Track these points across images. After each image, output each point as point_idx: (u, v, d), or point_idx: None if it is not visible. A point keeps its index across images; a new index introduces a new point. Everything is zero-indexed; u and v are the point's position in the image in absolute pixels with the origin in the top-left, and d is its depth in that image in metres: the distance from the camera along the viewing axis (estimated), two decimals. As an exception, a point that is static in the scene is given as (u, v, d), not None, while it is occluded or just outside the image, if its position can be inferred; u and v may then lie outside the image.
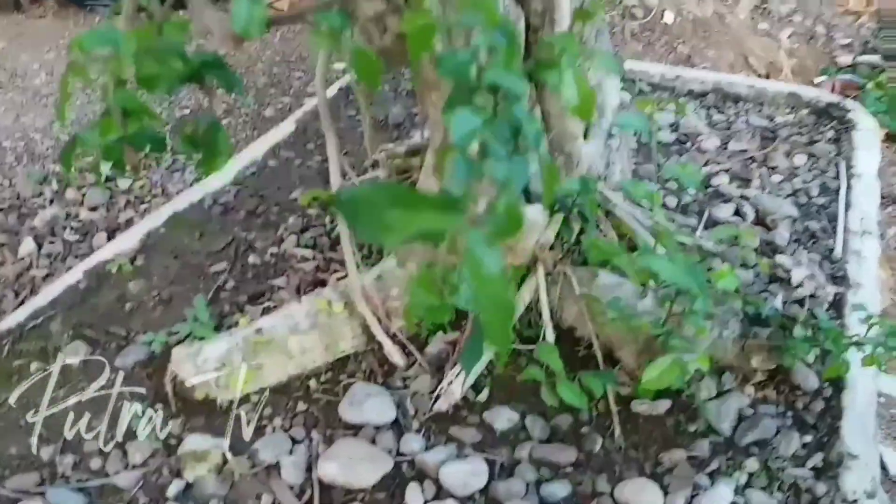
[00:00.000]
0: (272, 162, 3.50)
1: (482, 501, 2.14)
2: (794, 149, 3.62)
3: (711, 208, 3.15)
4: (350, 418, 2.35)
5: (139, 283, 2.84)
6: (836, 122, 3.80)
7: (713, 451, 2.25)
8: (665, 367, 2.06)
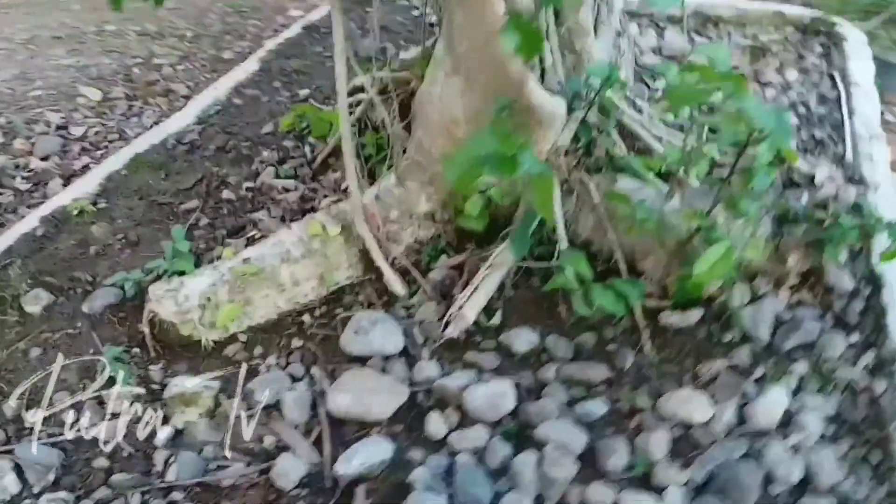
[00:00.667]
0: (237, 100, 3.22)
1: (513, 425, 1.93)
2: (785, 64, 3.48)
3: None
4: (355, 349, 2.11)
5: (102, 227, 2.55)
6: (823, 36, 3.67)
7: (755, 358, 2.08)
8: (718, 257, 1.86)
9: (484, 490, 1.76)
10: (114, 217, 2.60)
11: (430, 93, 2.34)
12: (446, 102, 2.30)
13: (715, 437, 1.88)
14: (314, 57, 3.56)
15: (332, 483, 1.81)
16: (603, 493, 1.75)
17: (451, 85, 2.28)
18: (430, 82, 2.35)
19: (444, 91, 2.30)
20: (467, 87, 2.23)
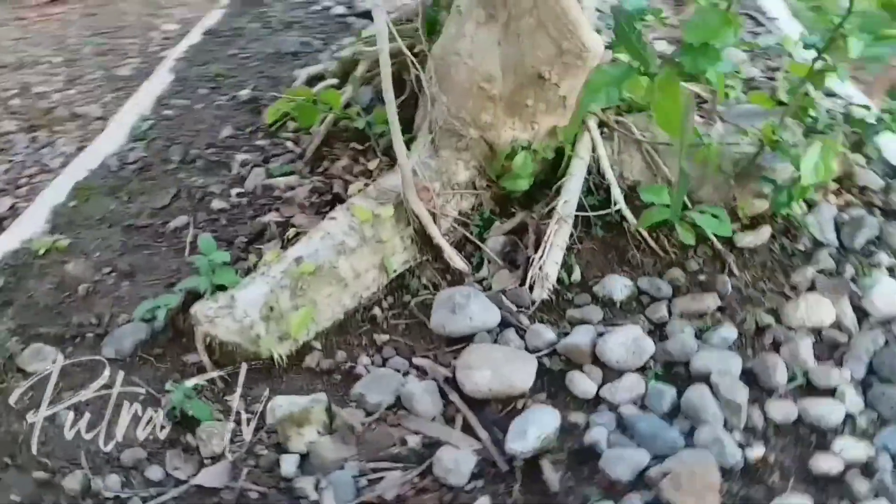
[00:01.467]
0: (168, 111, 2.84)
1: (658, 368, 1.81)
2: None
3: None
4: (456, 329, 1.90)
5: (79, 263, 2.13)
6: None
7: (836, 260, 2.10)
8: (818, 157, 1.86)
9: (672, 433, 1.63)
10: (87, 251, 2.18)
11: (457, 51, 2.17)
12: (478, 59, 2.15)
13: (850, 334, 1.87)
14: (231, 60, 3.24)
15: (507, 465, 1.59)
16: (784, 407, 1.69)
17: (484, 37, 2.12)
18: (453, 38, 2.18)
19: (475, 45, 2.14)
20: (506, 34, 2.09)
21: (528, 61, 2.10)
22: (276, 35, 3.51)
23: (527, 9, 2.02)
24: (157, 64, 3.37)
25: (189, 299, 1.91)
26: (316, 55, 3.26)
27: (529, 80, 2.14)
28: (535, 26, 2.04)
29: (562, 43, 2.06)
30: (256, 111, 2.82)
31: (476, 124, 2.23)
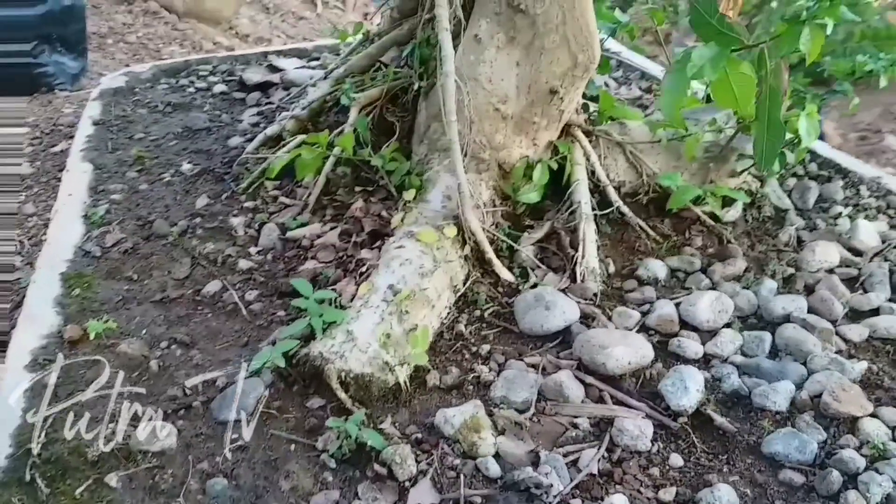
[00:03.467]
0: (113, 196, 2.63)
1: (741, 326, 2.05)
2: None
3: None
4: (553, 325, 2.01)
5: (131, 343, 1.91)
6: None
7: (803, 218, 2.52)
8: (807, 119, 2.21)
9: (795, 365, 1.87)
10: (129, 331, 1.98)
11: (476, 76, 2.29)
12: (496, 82, 2.30)
13: (859, 267, 2.26)
14: (141, 143, 3.06)
15: (675, 422, 1.72)
16: (856, 329, 2.02)
17: (504, 60, 2.28)
18: (472, 65, 2.29)
19: (494, 70, 2.29)
20: (527, 54, 2.25)
21: (543, 78, 2.28)
22: (171, 117, 3.37)
23: (555, 26, 2.20)
24: (57, 159, 3.09)
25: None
26: (234, 127, 3.19)
27: (541, 97, 2.32)
28: (559, 42, 2.23)
29: (578, 56, 2.26)
30: (218, 180, 2.70)
31: (491, 145, 2.37)
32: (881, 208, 2.58)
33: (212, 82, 3.79)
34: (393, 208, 2.39)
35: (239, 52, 4.46)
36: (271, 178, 2.50)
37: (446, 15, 2.01)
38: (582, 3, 2.22)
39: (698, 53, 1.77)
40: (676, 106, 2.07)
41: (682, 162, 2.54)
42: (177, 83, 3.83)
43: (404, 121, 2.62)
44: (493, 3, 2.26)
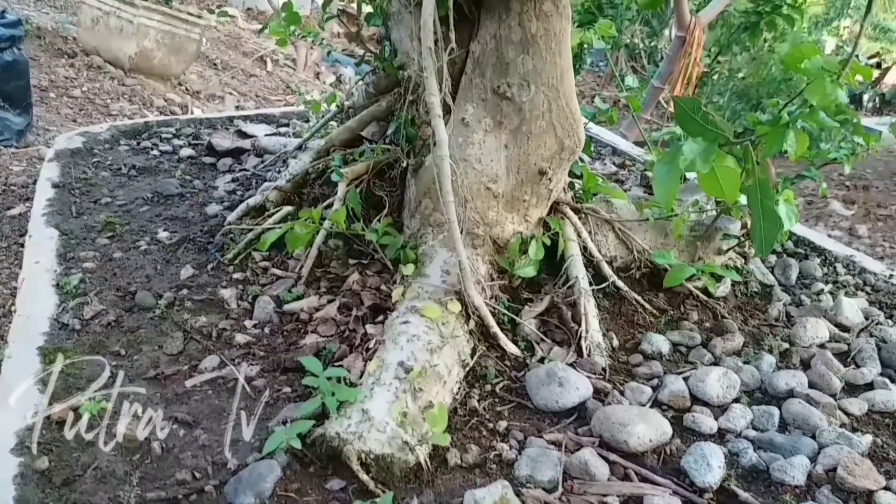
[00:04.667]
0: (86, 264, 2.50)
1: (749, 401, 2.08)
2: None
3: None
4: (569, 401, 1.97)
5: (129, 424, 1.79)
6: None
7: (788, 293, 2.60)
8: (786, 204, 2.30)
9: (806, 440, 1.88)
10: (124, 410, 1.85)
11: (465, 157, 2.32)
12: (485, 163, 2.32)
13: (848, 343, 2.34)
14: (109, 208, 2.93)
15: (701, 497, 1.71)
16: (856, 402, 2.05)
17: (492, 143, 2.31)
18: (460, 147, 2.32)
19: (483, 151, 2.32)
20: (515, 138, 2.30)
21: (532, 160, 2.33)
22: (137, 181, 3.25)
23: (541, 112, 2.27)
24: (16, 223, 2.92)
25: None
26: (209, 194, 3.10)
27: (530, 177, 2.36)
28: (545, 127, 2.29)
29: (565, 140, 2.34)
30: (200, 249, 2.60)
31: (485, 221, 2.37)
32: (858, 285, 2.69)
33: (177, 146, 3.70)
34: (390, 282, 2.35)
35: (203, 115, 4.37)
36: (262, 250, 2.43)
37: (437, 103, 2.02)
38: (566, 91, 2.30)
39: (688, 148, 1.83)
40: (671, 196, 2.12)
41: (669, 239, 2.61)
42: (138, 145, 3.73)
43: (393, 195, 2.60)
44: (479, 90, 2.32)
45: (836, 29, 10.27)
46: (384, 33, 2.61)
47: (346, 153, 2.77)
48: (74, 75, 5.95)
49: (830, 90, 1.64)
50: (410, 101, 2.55)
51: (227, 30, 9.44)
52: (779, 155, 2.29)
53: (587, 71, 11.06)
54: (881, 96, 10.19)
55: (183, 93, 6.55)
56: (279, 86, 8.46)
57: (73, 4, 8.30)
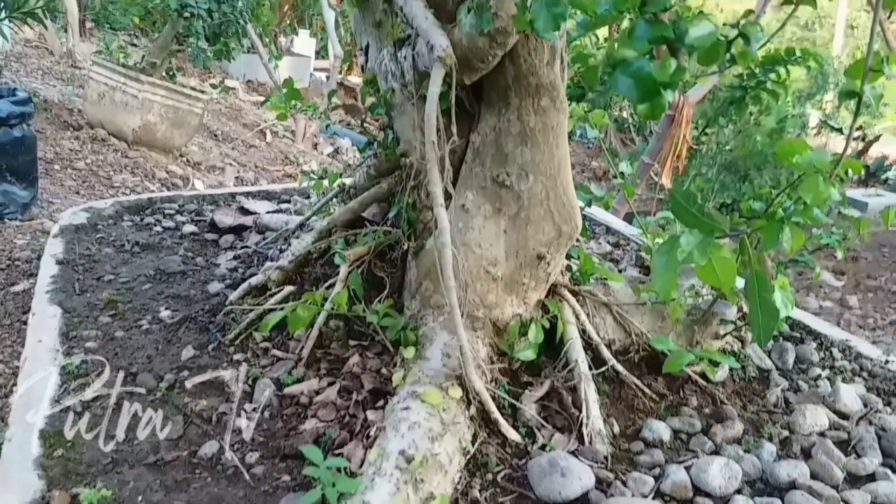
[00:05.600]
0: (88, 343, 2.51)
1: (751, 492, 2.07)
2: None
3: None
4: (572, 492, 1.96)
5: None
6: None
7: (786, 378, 2.62)
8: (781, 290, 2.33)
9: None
10: (122, 498, 1.85)
11: (465, 242, 2.36)
12: (485, 247, 2.37)
13: (848, 430, 2.34)
14: (111, 286, 2.96)
15: None
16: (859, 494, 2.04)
17: (491, 228, 2.36)
18: (461, 231, 2.37)
19: (482, 236, 2.36)
20: (514, 224, 2.35)
21: (531, 245, 2.38)
22: (140, 257, 3.29)
23: (539, 200, 2.33)
24: (20, 300, 2.94)
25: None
26: (211, 271, 3.14)
27: (529, 261, 2.41)
28: (543, 214, 2.35)
29: (563, 227, 2.39)
30: (201, 329, 2.62)
31: (484, 304, 2.40)
32: (855, 371, 2.71)
33: (180, 222, 3.75)
34: (390, 364, 2.37)
35: (206, 191, 4.44)
36: (264, 332, 2.45)
37: (440, 192, 2.08)
38: (563, 181, 2.37)
39: (685, 240, 1.87)
40: (670, 287, 2.15)
41: (666, 323, 2.63)
42: (142, 221, 3.78)
43: (394, 276, 2.64)
44: (478, 178, 2.38)
45: (819, 102, 10.58)
46: (387, 122, 2.69)
47: (349, 234, 2.82)
48: (79, 148, 6.05)
49: (823, 189, 1.69)
50: (412, 187, 2.61)
51: (229, 102, 9.64)
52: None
53: (577, 142, 11.31)
54: (866, 168, 10.38)
55: (184, 164, 6.66)
56: (278, 156, 8.60)
57: (79, 77, 8.52)
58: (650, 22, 1.25)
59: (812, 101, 10.14)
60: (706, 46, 1.28)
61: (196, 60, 6.33)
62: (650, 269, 3.22)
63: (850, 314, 6.72)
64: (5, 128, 4.33)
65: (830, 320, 6.43)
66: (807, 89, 9.97)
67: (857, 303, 6.60)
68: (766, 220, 1.86)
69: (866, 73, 1.54)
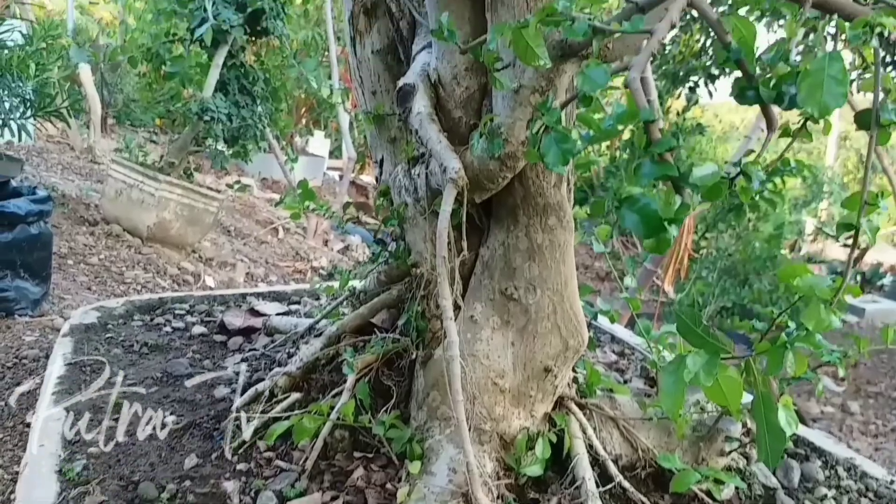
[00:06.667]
0: (91, 448, 2.51)
1: None
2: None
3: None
4: None
5: None
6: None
7: (792, 497, 2.58)
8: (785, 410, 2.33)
9: None
10: None
11: (474, 353, 2.39)
12: (493, 359, 2.39)
13: None
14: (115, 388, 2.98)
15: None
16: None
17: (499, 340, 2.40)
18: (469, 342, 2.40)
19: (490, 347, 2.39)
20: (521, 336, 2.39)
21: (538, 358, 2.40)
22: (148, 359, 3.31)
23: (546, 314, 2.37)
24: (24, 400, 2.95)
25: None
26: (216, 375, 3.15)
27: (536, 374, 2.42)
28: (551, 328, 2.38)
29: (569, 341, 2.42)
30: (205, 436, 2.61)
31: (491, 417, 2.40)
32: (861, 491, 2.67)
33: (189, 322, 3.79)
34: (395, 478, 2.35)
35: (216, 291, 4.50)
36: (268, 442, 2.44)
37: (450, 306, 2.12)
38: (570, 296, 2.42)
39: (692, 361, 1.89)
40: (677, 406, 2.16)
41: (672, 438, 2.62)
42: (152, 321, 3.81)
43: (401, 385, 2.65)
44: (487, 290, 2.43)
45: (815, 210, 10.81)
46: (399, 233, 2.75)
47: (358, 340, 2.84)
48: (93, 243, 6.16)
49: (825, 317, 1.72)
50: (422, 296, 2.65)
51: (243, 198, 9.84)
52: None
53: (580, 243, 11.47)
54: (861, 275, 10.46)
55: (196, 260, 6.75)
56: (289, 252, 8.72)
57: (97, 173, 8.75)
58: (655, 161, 1.31)
59: (808, 209, 10.36)
60: (709, 186, 1.34)
61: (214, 161, 6.52)
62: (655, 381, 3.25)
63: (852, 420, 6.66)
64: (22, 225, 4.43)
65: (832, 426, 6.37)
66: (802, 197, 10.20)
67: (859, 409, 6.55)
68: (770, 345, 1.88)
69: (862, 206, 1.59)
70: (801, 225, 10.14)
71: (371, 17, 2.68)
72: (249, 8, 5.95)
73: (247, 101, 6.42)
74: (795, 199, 10.21)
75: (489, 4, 2.11)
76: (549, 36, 1.75)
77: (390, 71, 2.72)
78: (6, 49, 6.06)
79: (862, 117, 1.54)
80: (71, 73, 8.26)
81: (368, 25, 2.70)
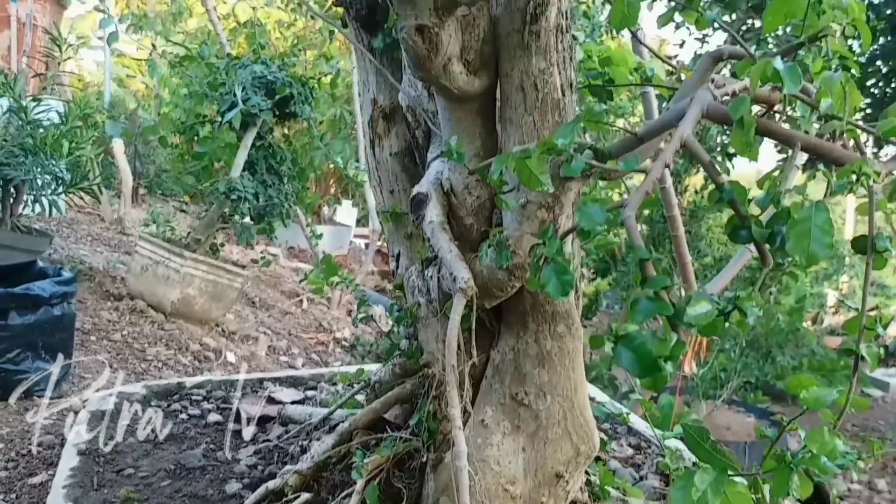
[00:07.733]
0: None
1: None
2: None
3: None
4: None
5: None
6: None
7: None
8: None
9: None
10: None
11: (484, 458, 2.38)
12: (503, 464, 2.38)
13: None
14: (129, 481, 2.98)
15: None
16: None
17: (509, 445, 2.39)
18: (479, 447, 2.40)
19: (501, 453, 2.39)
20: (532, 442, 2.38)
21: (549, 463, 2.39)
22: (163, 449, 3.33)
23: (557, 420, 2.37)
24: (35, 493, 2.97)
25: None
26: (230, 468, 3.15)
27: (548, 480, 2.41)
28: (561, 434, 2.38)
29: (580, 446, 2.41)
30: (216, 532, 2.62)
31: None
32: None
33: (206, 409, 3.81)
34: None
35: (234, 376, 4.54)
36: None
37: (458, 415, 2.13)
38: (580, 402, 2.43)
39: (699, 479, 1.88)
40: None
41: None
42: (168, 407, 3.84)
43: (412, 488, 2.63)
44: (497, 395, 2.45)
45: (836, 283, 10.75)
46: (412, 332, 2.78)
47: (370, 438, 2.84)
48: (117, 318, 6.25)
49: (829, 440, 1.70)
50: (433, 396, 2.66)
51: (269, 269, 9.97)
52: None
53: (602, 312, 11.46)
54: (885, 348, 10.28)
55: (218, 335, 6.81)
56: (312, 323, 8.79)
57: (126, 244, 8.93)
58: (651, 299, 1.33)
59: (829, 281, 10.29)
60: (704, 323, 1.36)
61: (240, 237, 6.65)
62: (668, 480, 3.19)
63: (880, 498, 6.46)
64: (46, 307, 4.52)
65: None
66: (823, 270, 10.16)
67: (886, 486, 6.37)
68: (777, 464, 1.86)
69: (861, 332, 1.60)
70: (823, 297, 10.06)
71: (390, 122, 2.77)
72: (278, 95, 6.13)
73: (274, 181, 6.57)
74: (816, 271, 10.16)
75: (499, 120, 2.17)
76: (552, 160, 1.80)
77: (407, 172, 2.80)
78: (41, 128, 6.31)
79: (858, 243, 1.56)
80: (105, 148, 8.54)
81: (387, 130, 2.78)
